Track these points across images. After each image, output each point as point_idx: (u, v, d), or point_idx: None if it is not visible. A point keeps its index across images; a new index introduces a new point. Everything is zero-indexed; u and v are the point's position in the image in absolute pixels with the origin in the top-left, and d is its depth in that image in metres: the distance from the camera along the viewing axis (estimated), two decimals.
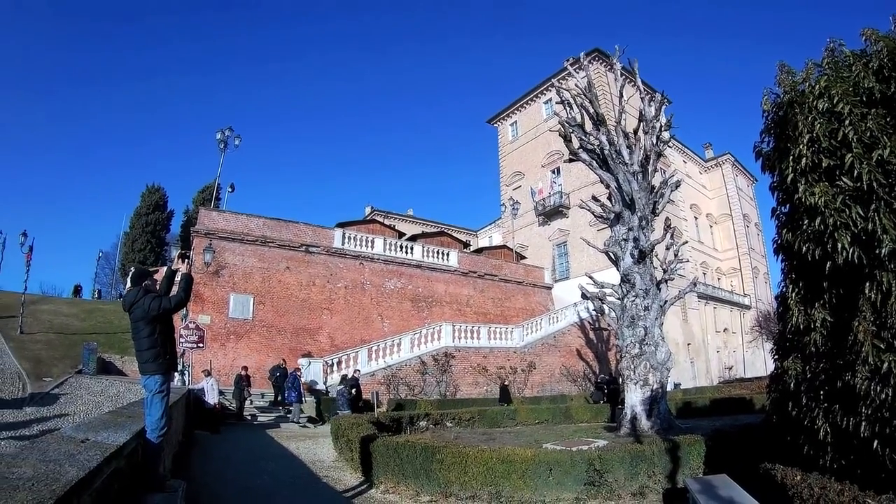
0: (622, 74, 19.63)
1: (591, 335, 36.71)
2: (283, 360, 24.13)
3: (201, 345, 21.92)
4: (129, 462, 5.29)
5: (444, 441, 12.02)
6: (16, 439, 14.92)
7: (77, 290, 56.41)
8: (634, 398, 15.71)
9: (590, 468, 9.16)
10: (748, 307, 55.42)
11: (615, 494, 9.12)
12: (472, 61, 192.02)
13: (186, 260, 6.21)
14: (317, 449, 15.21)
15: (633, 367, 16.05)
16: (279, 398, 22.23)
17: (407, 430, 16.82)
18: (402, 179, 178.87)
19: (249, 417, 21.28)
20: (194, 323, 23.39)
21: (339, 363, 26.57)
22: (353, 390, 21.36)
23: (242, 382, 20.94)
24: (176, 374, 8.10)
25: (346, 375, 23.62)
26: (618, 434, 15.30)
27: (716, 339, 49.65)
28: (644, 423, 15.22)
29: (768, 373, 9.77)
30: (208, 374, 19.91)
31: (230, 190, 41.08)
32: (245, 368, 21.85)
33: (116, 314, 36.79)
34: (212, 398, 18.72)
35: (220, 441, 16.06)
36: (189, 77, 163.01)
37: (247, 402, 21.57)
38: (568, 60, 23.03)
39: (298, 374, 22.83)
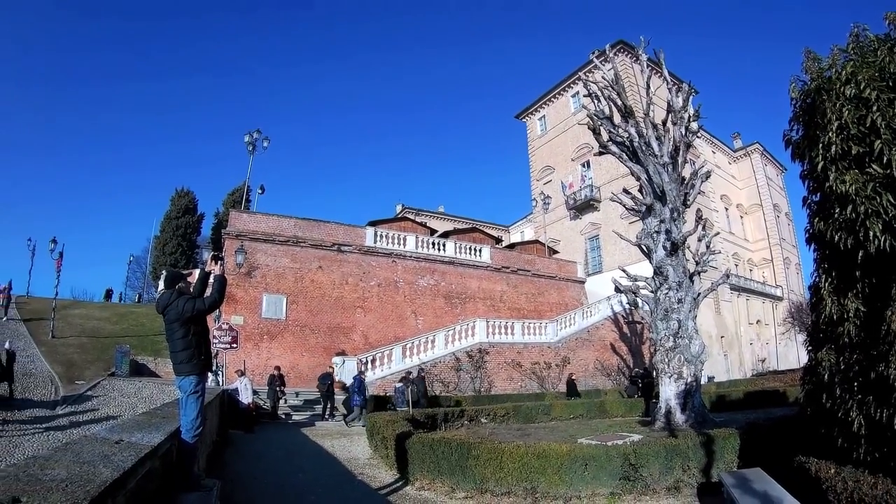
0: (648, 66, 19.51)
1: (625, 329, 36.49)
2: (331, 366, 24.17)
3: (235, 345, 22.02)
4: (163, 462, 5.32)
5: (480, 437, 12.04)
6: (49, 429, 15.20)
7: (108, 294, 57.09)
8: (669, 392, 15.65)
9: (625, 463, 9.12)
10: (780, 298, 54.76)
11: (650, 489, 9.09)
12: (499, 58, 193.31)
13: (220, 262, 6.18)
14: (352, 447, 15.22)
15: (667, 360, 15.99)
16: (328, 405, 22.02)
17: (442, 426, 16.75)
18: (433, 177, 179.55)
19: (284, 416, 21.40)
20: (227, 324, 23.55)
21: (373, 361, 26.67)
22: (413, 387, 21.56)
23: (276, 382, 21.08)
24: (210, 374, 8.16)
25: (410, 374, 23.71)
26: (652, 428, 15.27)
27: (749, 331, 49.03)
28: (678, 417, 15.16)
29: (801, 365, 9.70)
30: (242, 374, 20.06)
31: (260, 192, 41.01)
32: (278, 368, 21.96)
33: (149, 317, 37.14)
34: (246, 398, 18.85)
35: (255, 440, 16.15)
36: (217, 78, 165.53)
37: (281, 402, 21.68)
38: (594, 53, 22.95)
39: (363, 376, 22.81)
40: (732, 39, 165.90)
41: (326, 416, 21.51)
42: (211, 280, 6.64)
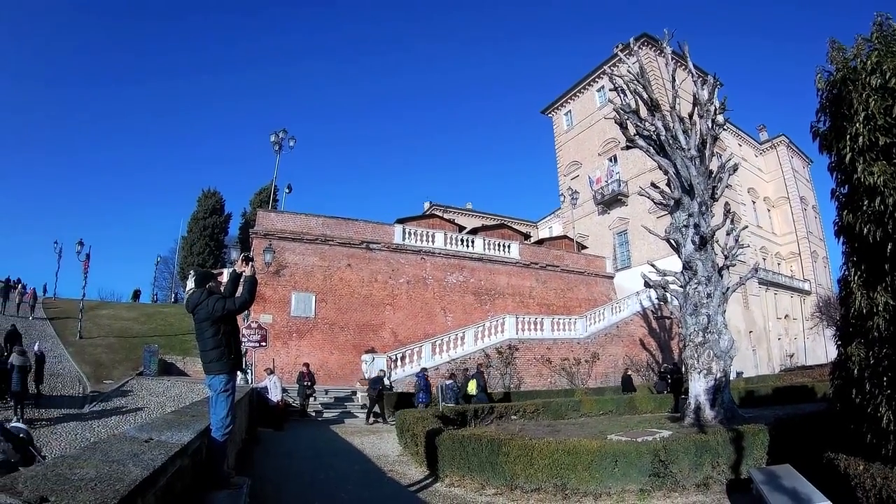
0: (673, 58, 19.34)
1: (654, 324, 36.34)
2: (383, 370, 23.99)
3: (264, 344, 22.04)
4: (192, 461, 5.36)
5: (510, 433, 11.98)
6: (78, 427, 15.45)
7: (136, 295, 57.35)
8: (698, 387, 15.50)
9: (655, 459, 9.09)
10: (808, 293, 53.99)
11: (679, 486, 9.06)
12: (523, 53, 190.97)
13: (250, 262, 6.21)
14: (381, 444, 15.28)
15: (696, 355, 15.83)
16: (376, 409, 21.64)
17: (471, 423, 16.64)
18: (461, 174, 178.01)
19: (314, 414, 21.50)
20: (256, 322, 23.68)
21: (402, 358, 26.79)
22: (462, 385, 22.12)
23: (305, 379, 21.19)
24: (239, 373, 8.19)
25: (468, 371, 24.44)
26: (682, 424, 15.16)
27: (777, 326, 48.50)
28: (708, 413, 15.02)
29: (829, 360, 9.62)
30: (271, 372, 20.20)
31: (288, 191, 41.55)
32: (307, 365, 22.03)
33: (177, 317, 37.72)
34: (275, 396, 18.95)
35: (284, 438, 16.22)
36: (242, 77, 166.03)
37: (310, 399, 21.77)
38: (618, 46, 22.88)
39: (426, 373, 23.09)
40: (755, 29, 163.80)
41: (375, 420, 21.11)
42: (242, 280, 6.68)
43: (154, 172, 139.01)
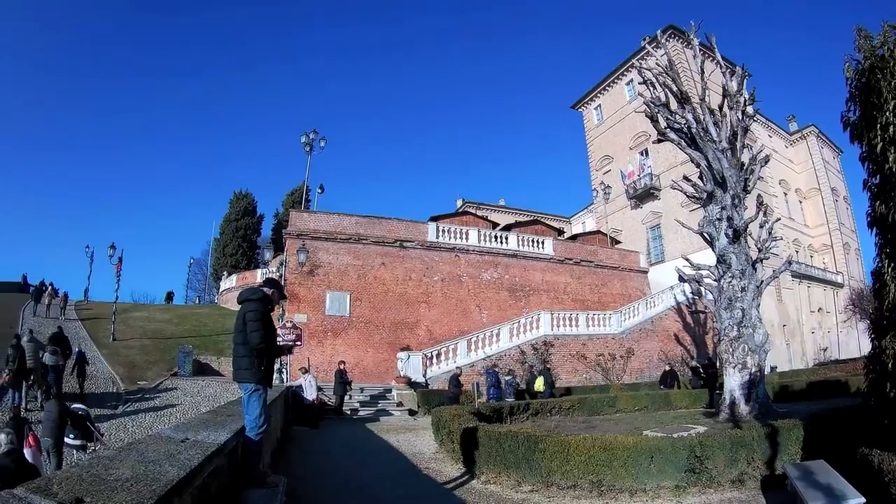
0: (700, 50, 19.25)
1: (688, 319, 36.10)
2: (459, 368, 24.31)
3: (299, 343, 21.93)
4: (228, 460, 5.40)
5: (546, 430, 12.00)
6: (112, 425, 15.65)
7: (169, 297, 58.39)
8: (733, 382, 15.40)
9: (690, 455, 9.06)
10: (841, 285, 53.27)
11: (715, 482, 9.02)
12: (552, 48, 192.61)
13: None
14: (417, 441, 15.29)
15: (731, 350, 15.71)
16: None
17: (507, 419, 16.68)
18: (493, 170, 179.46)
19: (349, 412, 21.56)
20: (291, 322, 24.06)
21: (438, 355, 26.92)
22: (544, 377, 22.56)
23: (343, 377, 21.26)
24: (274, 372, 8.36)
25: (532, 367, 25.17)
26: (717, 420, 15.09)
27: (810, 319, 47.87)
28: (742, 408, 14.92)
29: (863, 354, 9.50)
30: (306, 371, 20.39)
31: (320, 191, 41.94)
32: (342, 363, 22.07)
33: (211, 317, 38.61)
34: (310, 394, 19.11)
35: (319, 436, 16.27)
36: (270, 78, 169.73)
37: (346, 397, 21.86)
38: (645, 39, 22.73)
39: (496, 370, 23.38)
40: (780, 17, 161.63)
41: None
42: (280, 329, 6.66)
43: (186, 175, 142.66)
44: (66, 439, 12.41)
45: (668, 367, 27.70)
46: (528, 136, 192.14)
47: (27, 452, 10.12)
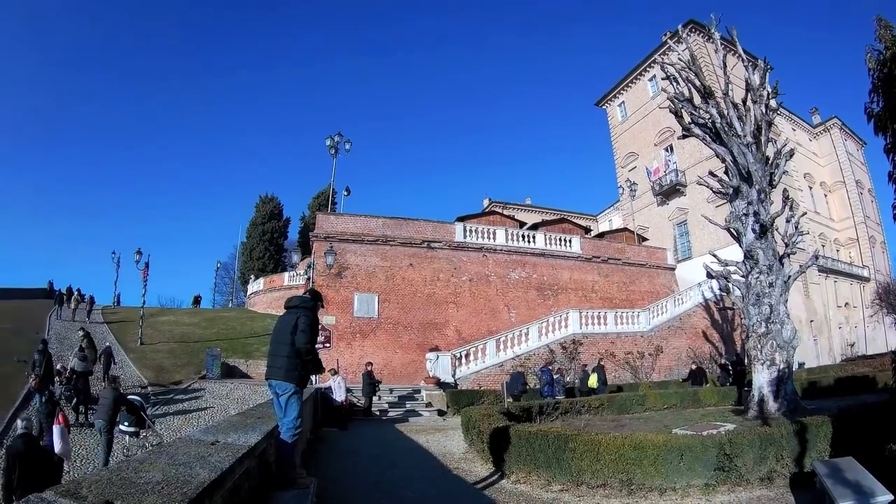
0: (722, 44, 19.25)
1: (717, 315, 35.80)
2: (521, 365, 24.40)
3: (328, 345, 22.38)
4: (259, 462, 5.49)
5: (575, 429, 11.95)
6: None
7: (197, 301, 58.74)
8: (761, 379, 15.32)
9: (720, 453, 9.03)
10: (867, 279, 52.58)
11: (744, 480, 8.99)
12: (573, 46, 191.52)
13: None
14: (446, 441, 15.32)
15: (759, 346, 15.63)
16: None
17: (537, 419, 16.62)
18: (518, 169, 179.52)
19: (378, 413, 21.61)
20: (319, 324, 23.86)
21: (467, 356, 26.91)
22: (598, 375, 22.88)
23: (371, 378, 21.28)
24: None
25: (586, 365, 25.38)
26: (745, 417, 15.03)
27: (837, 314, 47.27)
28: (771, 405, 14.83)
29: (889, 348, 9.36)
30: (335, 372, 20.43)
31: (346, 193, 42.33)
32: (369, 364, 22.12)
33: (239, 321, 38.85)
34: (339, 396, 19.28)
35: (349, 437, 16.33)
36: (296, 77, 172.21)
37: (375, 398, 21.89)
38: (666, 34, 22.59)
39: (551, 367, 23.54)
40: (798, 6, 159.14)
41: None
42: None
43: (212, 181, 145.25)
44: (121, 426, 13.79)
45: (695, 366, 27.43)
46: (554, 134, 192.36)
47: (55, 429, 11.14)
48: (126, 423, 13.93)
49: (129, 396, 15.00)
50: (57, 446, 10.81)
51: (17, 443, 8.86)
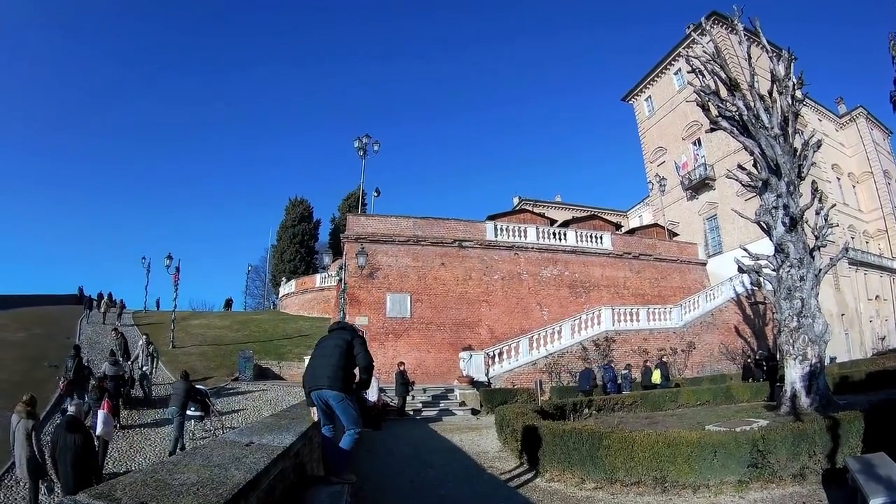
0: (745, 35, 19.01)
1: (748, 310, 35.46)
2: (595, 364, 24.50)
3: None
4: (294, 463, 5.49)
5: (609, 426, 11.99)
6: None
7: (228, 304, 59.54)
8: (794, 374, 15.20)
9: (753, 449, 9.02)
10: None
11: (776, 476, 8.98)
12: (597, 41, 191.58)
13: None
14: (480, 440, 15.40)
15: (791, 341, 15.51)
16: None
17: (570, 417, 16.71)
18: (548, 167, 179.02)
19: (412, 412, 21.67)
20: (352, 325, 23.99)
21: (500, 354, 27.01)
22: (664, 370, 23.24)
23: (403, 378, 21.37)
24: None
25: (647, 361, 25.77)
26: (778, 413, 14.91)
27: (868, 307, 46.16)
28: (803, 401, 14.72)
29: None
30: None
31: (376, 195, 42.35)
32: (402, 364, 22.22)
33: (271, 323, 39.27)
34: (372, 396, 19.37)
35: (383, 437, 16.42)
36: (326, 80, 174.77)
37: (408, 398, 21.94)
38: (689, 27, 22.43)
39: (613, 364, 23.94)
40: None
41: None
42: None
43: (241, 185, 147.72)
44: (188, 411, 15.84)
45: (748, 360, 27.34)
46: (582, 131, 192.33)
47: (100, 414, 13.05)
48: (193, 409, 16.37)
49: (198, 387, 17.56)
50: (98, 428, 12.64)
51: (66, 419, 9.93)
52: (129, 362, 22.73)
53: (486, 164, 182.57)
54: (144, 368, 21.73)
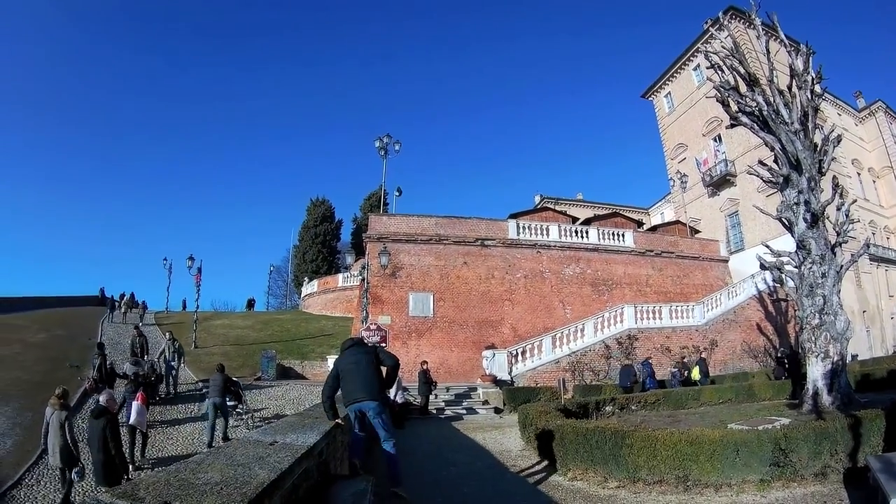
0: (763, 30, 19.05)
1: (770, 308, 35.22)
2: (634, 359, 24.63)
3: (383, 345, 22.47)
4: (317, 462, 5.61)
5: (632, 425, 11.94)
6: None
7: (251, 304, 59.72)
8: (816, 372, 15.11)
9: (775, 448, 9.00)
10: None
11: (798, 475, 8.94)
12: (615, 38, 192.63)
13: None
14: (503, 439, 15.41)
15: (813, 338, 15.41)
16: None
17: (593, 415, 16.73)
18: (569, 165, 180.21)
19: (435, 411, 21.67)
20: (375, 324, 24.65)
21: (523, 353, 27.05)
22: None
23: (426, 377, 21.42)
24: None
25: (684, 358, 26.25)
26: (800, 411, 14.83)
27: (889, 304, 45.72)
28: (825, 399, 14.62)
29: None
30: None
31: (397, 194, 42.36)
32: (424, 363, 22.23)
33: (293, 322, 39.38)
34: (398, 396, 19.43)
35: (405, 436, 16.13)
36: (344, 79, 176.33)
37: (431, 397, 21.98)
38: (707, 22, 22.32)
39: (650, 361, 24.15)
40: None
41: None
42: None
43: (262, 186, 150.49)
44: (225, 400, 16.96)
45: (780, 354, 27.08)
46: (603, 128, 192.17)
47: (134, 405, 13.97)
48: (228, 398, 17.43)
49: (233, 378, 19.57)
50: (132, 418, 13.73)
51: (98, 407, 10.58)
52: (156, 358, 22.86)
53: (507, 163, 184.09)
54: (172, 363, 22.03)
